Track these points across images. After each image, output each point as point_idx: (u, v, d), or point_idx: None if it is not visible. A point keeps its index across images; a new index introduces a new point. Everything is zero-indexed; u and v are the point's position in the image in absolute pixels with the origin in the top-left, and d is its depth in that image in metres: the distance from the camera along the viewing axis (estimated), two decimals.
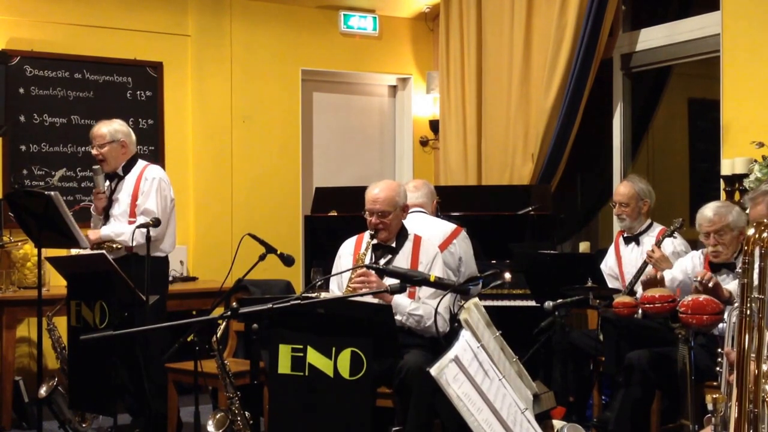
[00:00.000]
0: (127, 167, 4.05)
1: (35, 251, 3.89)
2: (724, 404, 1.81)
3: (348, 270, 3.37)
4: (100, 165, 4.04)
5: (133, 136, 4.12)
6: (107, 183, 4.05)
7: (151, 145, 5.37)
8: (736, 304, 2.07)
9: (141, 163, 4.10)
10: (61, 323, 4.11)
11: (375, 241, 3.40)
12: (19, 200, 3.88)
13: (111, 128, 4.02)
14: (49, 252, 4.01)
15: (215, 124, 5.58)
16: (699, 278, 3.08)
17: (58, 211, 3.65)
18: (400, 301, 3.31)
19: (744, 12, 4.18)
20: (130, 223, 3.94)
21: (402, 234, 3.47)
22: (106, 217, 4.03)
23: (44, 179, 5.03)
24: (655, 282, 3.40)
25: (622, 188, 4.16)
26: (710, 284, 3.07)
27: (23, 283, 4.63)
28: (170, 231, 4.09)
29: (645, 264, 3.86)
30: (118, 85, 5.31)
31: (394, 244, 3.44)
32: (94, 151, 4.03)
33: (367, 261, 3.35)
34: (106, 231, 3.96)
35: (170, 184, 4.10)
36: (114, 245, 3.91)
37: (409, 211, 3.62)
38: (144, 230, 3.84)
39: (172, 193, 4.10)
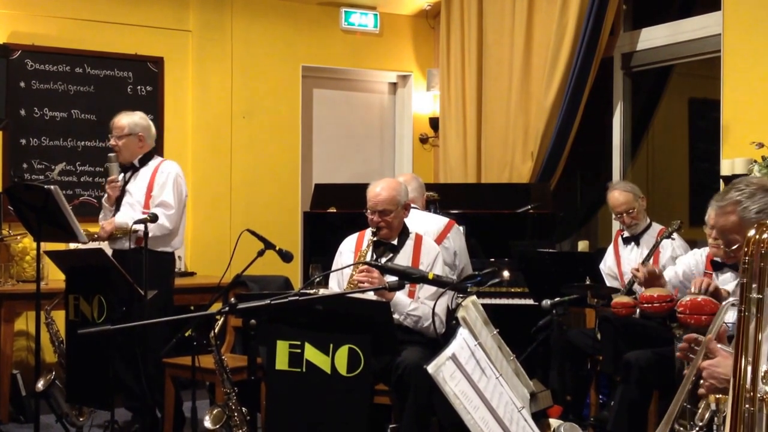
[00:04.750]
0: (144, 160, 4.06)
1: (34, 245, 3.88)
2: (725, 403, 1.81)
3: (348, 266, 3.37)
4: (115, 154, 4.04)
5: (153, 131, 4.13)
6: (122, 174, 4.04)
7: None
8: (731, 299, 2.07)
9: (158, 158, 4.12)
10: (59, 317, 4.11)
11: (376, 239, 3.40)
12: (19, 194, 3.87)
13: (131, 120, 4.03)
14: (48, 246, 4.01)
15: (215, 120, 5.58)
16: (695, 289, 3.06)
17: (58, 205, 3.65)
18: (401, 300, 3.31)
19: (745, 12, 4.18)
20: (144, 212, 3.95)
21: (404, 232, 3.47)
22: (117, 208, 4.02)
23: (44, 173, 5.03)
24: (656, 278, 3.41)
25: (619, 197, 4.12)
26: (709, 290, 3.07)
27: (22, 276, 4.63)
28: (181, 227, 4.09)
29: (633, 279, 3.81)
30: (118, 80, 5.31)
31: (395, 242, 3.44)
32: (111, 142, 4.05)
33: (368, 258, 3.35)
34: (121, 219, 3.92)
35: (185, 180, 4.11)
36: (128, 229, 3.84)
37: None
38: (160, 225, 3.87)
39: (186, 189, 4.11)
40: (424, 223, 3.80)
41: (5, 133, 4.97)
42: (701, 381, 1.89)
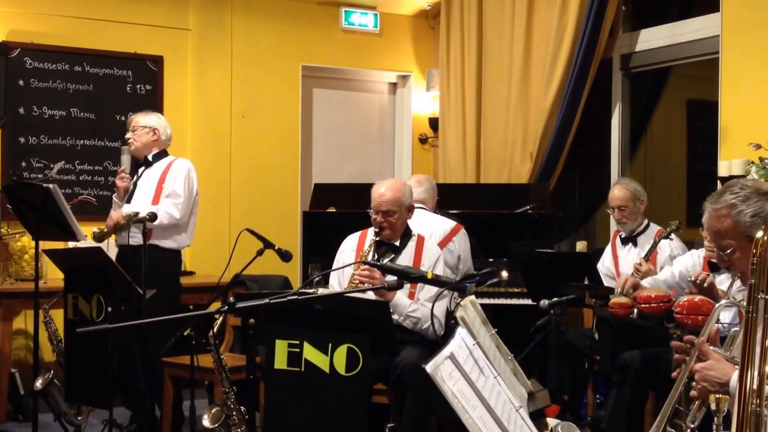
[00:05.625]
0: (158, 156, 4.11)
1: (33, 243, 3.89)
2: (727, 404, 1.82)
3: (348, 265, 3.38)
4: (127, 146, 4.09)
5: (169, 131, 4.20)
6: (136, 173, 4.08)
7: None
8: (724, 302, 2.08)
9: (172, 156, 4.18)
10: (58, 316, 4.12)
11: (378, 239, 3.41)
12: (18, 192, 3.88)
13: (147, 117, 4.15)
14: (46, 244, 4.01)
15: (215, 119, 5.58)
16: (694, 278, 3.09)
17: (57, 203, 3.65)
18: (401, 301, 3.32)
19: (744, 14, 4.19)
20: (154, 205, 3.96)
21: (406, 233, 3.48)
22: (128, 202, 4.04)
23: (43, 171, 5.03)
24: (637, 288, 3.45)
25: (617, 192, 4.15)
26: (705, 284, 3.08)
27: (20, 275, 4.63)
28: (191, 225, 4.11)
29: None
30: (118, 79, 5.31)
31: (397, 243, 3.45)
32: (127, 135, 4.13)
33: (369, 258, 3.35)
34: (129, 209, 3.92)
35: (197, 177, 4.15)
36: (127, 220, 3.85)
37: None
38: (168, 213, 3.86)
39: (197, 187, 4.13)
40: (431, 224, 3.81)
41: (4, 131, 4.97)
42: (693, 383, 1.89)
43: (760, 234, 1.56)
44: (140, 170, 4.10)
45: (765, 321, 1.53)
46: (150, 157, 4.09)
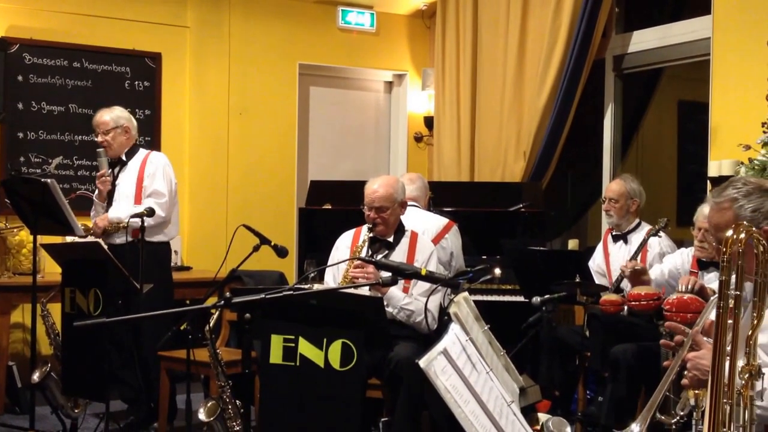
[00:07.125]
0: (130, 153, 4.12)
1: (31, 238, 3.92)
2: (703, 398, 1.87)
3: (343, 261, 3.42)
4: (103, 149, 4.09)
5: (135, 122, 4.20)
6: (110, 169, 4.10)
7: (148, 135, 5.39)
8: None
9: (144, 150, 4.19)
10: (56, 310, 4.15)
11: (372, 235, 3.46)
12: (16, 187, 3.91)
13: (113, 114, 4.10)
14: (44, 239, 4.05)
15: (212, 116, 5.61)
16: (683, 287, 3.12)
17: (55, 198, 3.69)
18: (395, 294, 3.36)
19: (734, 16, 4.24)
20: (137, 205, 3.98)
21: (399, 230, 3.52)
22: (108, 203, 4.06)
23: (41, 167, 5.05)
24: (640, 276, 3.47)
25: (614, 185, 4.23)
26: (696, 287, 3.13)
27: (18, 269, 4.66)
28: (174, 215, 4.14)
29: (622, 277, 3.88)
30: (116, 75, 5.34)
31: (391, 239, 3.49)
32: (99, 138, 4.10)
33: (363, 254, 3.39)
34: (114, 214, 3.98)
35: (173, 169, 4.16)
36: (121, 225, 3.90)
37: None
38: (152, 209, 3.90)
39: (174, 178, 4.16)
40: (423, 221, 3.86)
41: (3, 126, 4.99)
42: (685, 372, 1.94)
43: (729, 233, 1.61)
44: (116, 171, 4.10)
45: (736, 315, 1.59)
46: (123, 156, 4.10)
